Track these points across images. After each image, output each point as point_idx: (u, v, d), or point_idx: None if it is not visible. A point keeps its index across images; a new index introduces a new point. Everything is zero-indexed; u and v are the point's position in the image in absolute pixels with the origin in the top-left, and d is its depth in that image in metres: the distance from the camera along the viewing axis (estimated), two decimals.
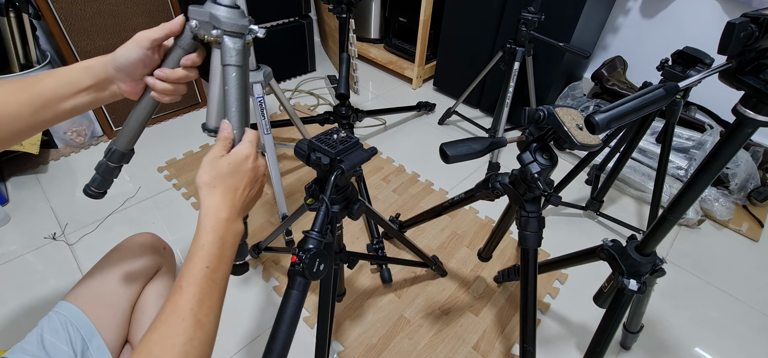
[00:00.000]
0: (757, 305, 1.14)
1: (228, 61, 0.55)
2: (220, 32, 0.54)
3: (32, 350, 0.63)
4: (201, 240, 0.44)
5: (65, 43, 1.36)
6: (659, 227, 0.67)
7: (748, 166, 1.36)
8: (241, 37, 0.56)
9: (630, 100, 0.51)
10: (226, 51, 0.55)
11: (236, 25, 0.55)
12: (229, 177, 0.47)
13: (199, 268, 0.43)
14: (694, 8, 1.61)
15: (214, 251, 0.45)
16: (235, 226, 0.48)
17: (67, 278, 1.07)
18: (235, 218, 0.47)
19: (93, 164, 0.71)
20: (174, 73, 0.56)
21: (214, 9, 0.54)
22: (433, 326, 1.02)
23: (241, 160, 0.48)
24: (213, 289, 0.44)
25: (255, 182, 0.51)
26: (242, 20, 0.56)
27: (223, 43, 0.55)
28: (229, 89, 0.56)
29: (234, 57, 0.55)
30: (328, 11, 1.51)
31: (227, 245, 0.46)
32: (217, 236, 0.45)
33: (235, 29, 0.55)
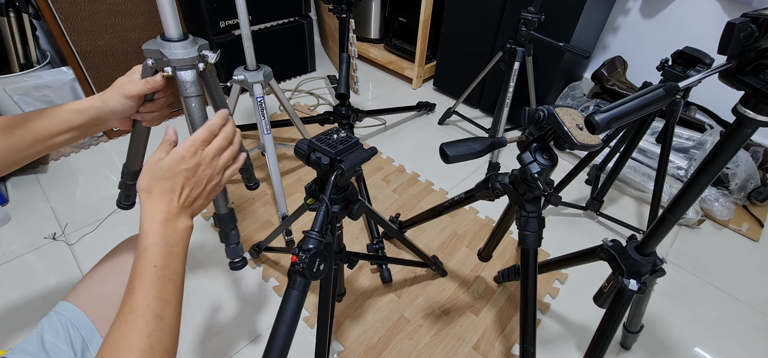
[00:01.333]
0: (757, 305, 1.14)
1: (185, 93, 0.58)
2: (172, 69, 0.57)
3: (32, 351, 0.63)
4: (142, 244, 0.47)
5: (65, 43, 1.36)
6: (659, 227, 0.67)
7: (748, 166, 1.36)
8: (194, 68, 0.59)
9: (630, 100, 0.51)
10: (181, 85, 0.58)
11: (185, 59, 0.57)
12: (162, 181, 0.49)
13: (147, 268, 0.45)
14: (694, 8, 1.61)
15: (159, 251, 0.46)
16: (177, 224, 0.49)
17: (67, 278, 1.07)
18: (174, 218, 0.49)
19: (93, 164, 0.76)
20: (155, 105, 0.62)
21: (163, 46, 0.56)
22: (433, 326, 1.02)
23: (175, 162, 0.49)
24: (166, 284, 0.46)
25: (196, 180, 0.50)
26: (191, 52, 0.58)
27: (177, 77, 0.58)
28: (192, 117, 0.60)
29: (189, 89, 0.59)
30: (328, 11, 1.51)
31: (172, 243, 0.48)
32: (157, 238, 0.47)
33: (185, 64, 0.57)
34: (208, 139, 0.52)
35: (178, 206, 0.49)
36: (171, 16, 0.56)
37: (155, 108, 0.62)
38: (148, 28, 1.50)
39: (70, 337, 0.67)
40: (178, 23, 0.57)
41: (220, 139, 0.53)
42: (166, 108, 0.64)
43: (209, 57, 0.60)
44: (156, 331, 0.44)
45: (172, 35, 0.57)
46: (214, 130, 0.52)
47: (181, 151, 0.49)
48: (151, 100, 0.61)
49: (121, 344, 0.42)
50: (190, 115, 0.60)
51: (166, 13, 0.56)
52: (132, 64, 1.64)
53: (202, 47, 0.59)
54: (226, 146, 0.54)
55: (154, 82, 0.58)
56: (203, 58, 0.59)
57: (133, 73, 0.59)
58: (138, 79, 0.59)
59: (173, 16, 0.57)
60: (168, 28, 0.57)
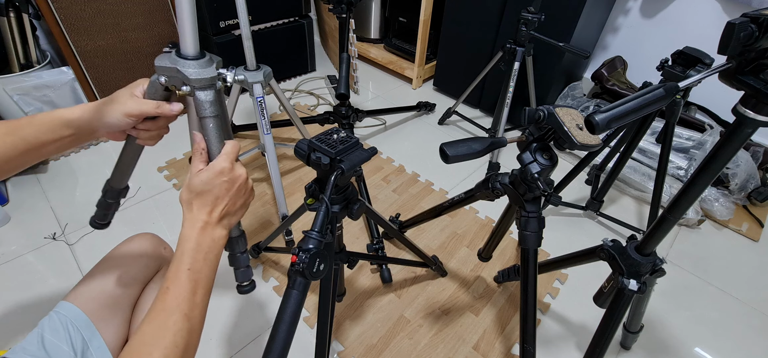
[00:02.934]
0: (757, 305, 1.14)
1: (203, 114, 0.55)
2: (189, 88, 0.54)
3: (33, 350, 0.63)
4: (181, 247, 0.50)
5: (65, 43, 1.36)
6: (659, 227, 0.66)
7: (748, 166, 1.36)
8: (213, 87, 0.55)
9: (630, 100, 0.51)
10: (199, 105, 0.55)
11: (205, 79, 0.54)
12: (203, 194, 0.51)
13: (182, 270, 0.48)
14: (694, 8, 1.61)
15: (195, 256, 0.49)
16: (213, 233, 0.52)
17: (67, 278, 1.07)
18: (212, 227, 0.52)
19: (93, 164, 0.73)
20: (155, 124, 0.59)
21: (180, 65, 0.53)
22: (433, 326, 1.02)
23: (214, 176, 0.52)
24: (196, 287, 0.49)
25: (233, 193, 0.54)
26: (210, 71, 0.54)
27: (195, 97, 0.54)
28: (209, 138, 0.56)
29: (208, 109, 0.55)
30: (328, 11, 1.51)
31: (206, 249, 0.51)
32: (194, 243, 0.50)
33: (204, 83, 0.54)
34: (236, 154, 0.55)
35: (217, 216, 0.52)
36: (191, 33, 0.52)
37: (155, 127, 0.59)
38: (148, 28, 1.50)
39: (71, 337, 0.67)
40: (197, 40, 0.53)
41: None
42: (165, 128, 0.61)
43: (227, 76, 0.57)
44: (182, 330, 0.47)
45: (190, 53, 0.53)
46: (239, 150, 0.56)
47: (219, 166, 0.52)
48: (152, 118, 0.58)
49: (148, 339, 0.45)
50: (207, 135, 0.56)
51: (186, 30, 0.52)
52: (132, 64, 1.63)
53: (218, 65, 0.56)
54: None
55: (169, 110, 0.56)
56: (221, 77, 0.56)
57: (136, 88, 0.56)
58: (140, 93, 0.56)
59: (193, 33, 0.53)
60: (186, 45, 0.53)
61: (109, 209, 0.76)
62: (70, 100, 1.46)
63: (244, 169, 0.55)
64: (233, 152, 0.54)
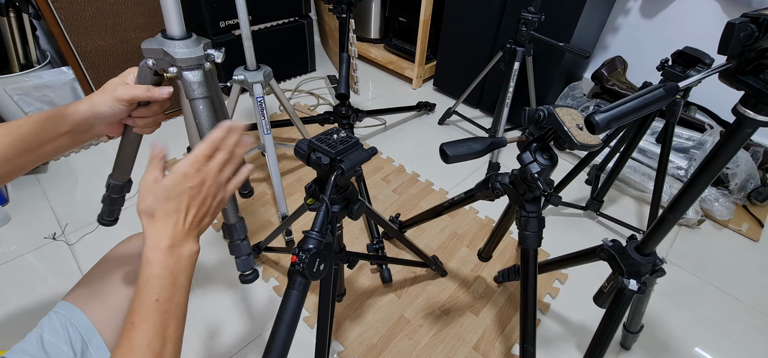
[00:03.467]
0: (757, 305, 1.14)
1: (192, 95, 0.54)
2: (177, 69, 0.53)
3: (32, 351, 0.63)
4: (143, 275, 0.43)
5: (65, 43, 1.36)
6: (659, 227, 0.66)
7: (748, 166, 1.36)
8: (200, 68, 0.54)
9: (630, 100, 0.51)
10: (188, 86, 0.54)
11: (192, 58, 0.52)
12: (166, 202, 0.44)
13: (148, 302, 0.42)
14: (694, 8, 1.61)
15: (162, 283, 0.43)
16: (182, 251, 0.45)
17: (67, 278, 1.07)
18: (180, 243, 0.45)
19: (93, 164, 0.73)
20: (149, 110, 0.57)
21: (166, 45, 0.52)
22: (433, 326, 1.02)
23: (179, 180, 0.45)
24: (167, 319, 0.43)
25: (202, 198, 0.46)
26: (197, 50, 0.53)
27: (182, 78, 0.53)
28: (199, 122, 0.55)
29: (196, 90, 0.54)
30: (328, 11, 1.51)
31: (176, 273, 0.44)
32: (160, 267, 0.43)
33: (191, 63, 0.53)
34: (211, 153, 0.48)
35: (185, 228, 0.45)
36: (175, 13, 0.51)
37: (149, 113, 0.57)
38: (148, 28, 1.50)
39: (70, 337, 0.67)
40: (182, 20, 0.53)
41: (224, 152, 0.49)
42: (161, 115, 0.59)
43: (215, 56, 0.55)
44: None
45: (175, 33, 0.52)
46: (216, 143, 0.48)
47: (183, 168, 0.45)
48: (145, 104, 0.56)
49: None
50: (198, 118, 0.55)
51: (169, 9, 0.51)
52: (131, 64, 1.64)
53: (207, 45, 0.55)
54: (229, 159, 0.50)
55: (158, 94, 0.53)
56: (209, 58, 0.55)
57: (127, 75, 0.55)
58: (132, 81, 0.54)
59: (177, 12, 0.52)
60: (171, 26, 0.52)
61: (115, 205, 0.75)
62: (70, 100, 1.46)
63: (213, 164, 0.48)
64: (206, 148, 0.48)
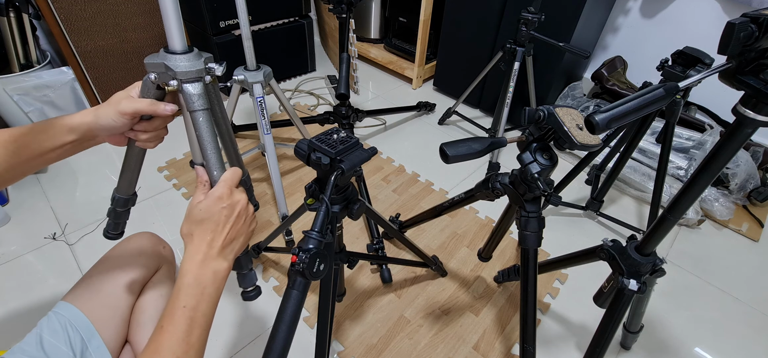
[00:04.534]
0: (757, 305, 1.14)
1: (192, 107, 0.55)
2: (177, 83, 0.55)
3: (31, 351, 0.63)
4: (179, 283, 0.48)
5: (65, 43, 1.36)
6: (659, 227, 0.66)
7: (748, 166, 1.36)
8: (200, 80, 0.56)
9: (630, 100, 0.51)
10: (188, 99, 0.55)
11: (192, 72, 0.55)
12: (202, 223, 0.50)
13: (178, 308, 0.46)
14: (694, 8, 1.61)
15: (192, 292, 0.47)
16: (213, 266, 0.50)
17: (67, 278, 1.07)
18: (212, 259, 0.50)
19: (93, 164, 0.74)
20: (151, 124, 0.58)
21: (167, 59, 0.54)
22: (433, 326, 1.02)
23: (212, 203, 0.51)
24: (193, 327, 0.47)
25: (233, 219, 0.52)
26: (198, 64, 0.55)
27: (183, 91, 0.55)
28: (200, 134, 0.57)
29: (196, 102, 0.56)
30: (328, 11, 1.51)
31: (205, 284, 0.49)
32: (192, 278, 0.48)
33: (191, 76, 0.55)
34: (237, 180, 0.54)
35: (219, 245, 0.50)
36: (176, 28, 0.54)
37: (151, 128, 0.59)
38: (148, 28, 1.50)
39: (69, 337, 0.67)
40: (183, 35, 0.55)
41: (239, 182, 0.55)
42: (164, 129, 0.61)
43: (216, 69, 0.58)
44: None
45: (176, 47, 0.55)
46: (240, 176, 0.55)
47: (218, 192, 0.51)
48: (148, 119, 0.58)
49: None
50: (198, 130, 0.57)
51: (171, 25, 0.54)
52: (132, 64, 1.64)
53: (208, 59, 0.57)
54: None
55: (162, 110, 0.56)
56: (210, 71, 0.57)
57: (132, 89, 0.57)
58: (136, 94, 0.57)
59: (179, 28, 0.54)
60: (173, 41, 0.55)
61: (120, 219, 0.77)
62: (70, 100, 1.46)
63: (244, 195, 0.54)
64: (232, 179, 0.54)
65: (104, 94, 1.51)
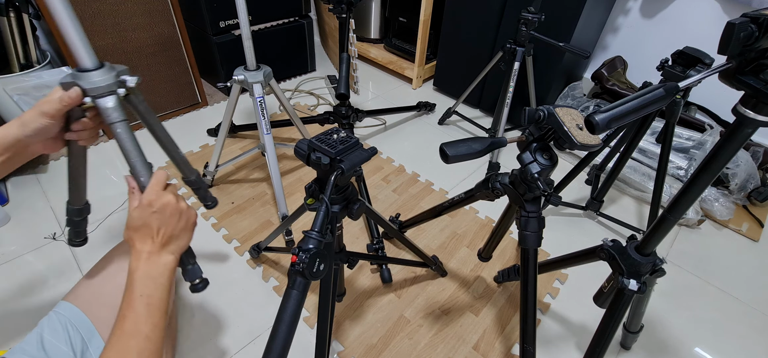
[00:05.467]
0: (757, 305, 1.14)
1: (109, 120, 0.58)
2: (91, 99, 0.57)
3: (31, 351, 0.63)
4: (130, 279, 0.53)
5: (65, 43, 1.36)
6: (659, 227, 0.66)
7: (748, 166, 1.36)
8: (113, 94, 0.58)
9: (630, 100, 0.51)
10: (103, 113, 0.58)
11: (102, 86, 0.57)
12: (138, 230, 0.55)
13: (134, 297, 0.52)
14: (694, 8, 1.61)
15: (145, 282, 0.53)
16: (159, 260, 0.55)
17: (67, 278, 1.07)
18: (157, 254, 0.55)
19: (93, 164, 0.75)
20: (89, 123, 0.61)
21: (78, 78, 0.56)
22: (433, 326, 1.02)
23: (143, 210, 0.55)
24: (152, 310, 0.53)
25: (167, 218, 0.56)
26: (108, 78, 0.57)
27: (98, 106, 0.58)
28: (121, 144, 0.60)
29: (112, 115, 0.58)
30: (328, 11, 1.51)
31: (156, 275, 0.54)
32: (142, 273, 0.53)
33: (102, 91, 0.57)
34: (164, 183, 0.58)
35: (158, 244, 0.55)
36: (82, 46, 0.56)
37: (90, 125, 0.61)
38: (148, 28, 1.50)
39: (70, 337, 0.67)
40: (91, 52, 0.57)
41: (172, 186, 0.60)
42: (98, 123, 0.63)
43: (129, 81, 0.59)
44: (145, 350, 0.51)
45: (86, 65, 0.57)
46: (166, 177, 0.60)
47: (146, 199, 0.55)
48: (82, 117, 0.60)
49: None
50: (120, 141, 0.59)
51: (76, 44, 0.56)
52: (132, 64, 1.64)
53: (121, 72, 0.59)
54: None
55: (70, 98, 0.56)
56: (123, 83, 0.59)
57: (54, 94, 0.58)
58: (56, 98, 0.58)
59: (84, 46, 0.56)
60: (81, 59, 0.56)
61: (79, 227, 0.81)
62: None
63: (171, 196, 0.57)
64: (158, 182, 0.58)
65: None
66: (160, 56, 1.59)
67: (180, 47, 1.62)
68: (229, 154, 1.54)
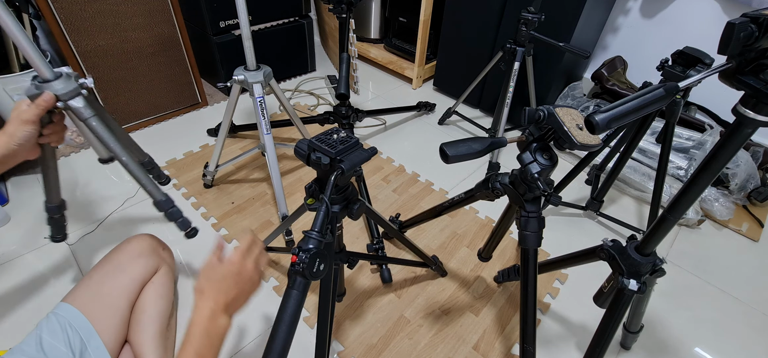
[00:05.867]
0: (757, 305, 1.14)
1: (83, 117, 0.67)
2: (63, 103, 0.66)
3: (30, 352, 0.63)
4: (191, 330, 0.54)
5: (65, 43, 1.36)
6: (659, 227, 0.66)
7: (748, 166, 1.36)
8: (80, 94, 0.67)
9: (630, 100, 0.51)
10: (77, 112, 0.68)
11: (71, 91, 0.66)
12: (216, 282, 0.57)
13: (189, 353, 0.53)
14: (694, 8, 1.61)
15: (202, 340, 0.54)
16: (219, 322, 0.56)
17: (67, 278, 1.07)
18: (218, 315, 0.56)
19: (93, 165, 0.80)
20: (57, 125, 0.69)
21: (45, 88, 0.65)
22: (433, 326, 1.02)
23: (226, 268, 0.57)
24: None
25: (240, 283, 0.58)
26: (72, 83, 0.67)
27: (70, 107, 0.67)
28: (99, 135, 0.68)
29: (85, 112, 0.67)
30: (328, 11, 1.51)
31: (213, 336, 0.55)
32: (202, 329, 0.54)
33: (72, 94, 0.67)
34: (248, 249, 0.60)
35: (223, 304, 0.56)
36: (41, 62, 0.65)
37: (58, 128, 0.70)
38: (148, 28, 1.50)
39: (69, 338, 0.67)
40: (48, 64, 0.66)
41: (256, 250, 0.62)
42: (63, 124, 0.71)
43: (87, 82, 0.70)
44: None
45: (48, 76, 0.65)
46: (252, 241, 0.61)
47: (236, 260, 0.58)
48: (50, 122, 0.68)
49: None
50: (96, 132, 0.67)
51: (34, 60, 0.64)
52: (132, 64, 1.64)
53: (77, 77, 0.69)
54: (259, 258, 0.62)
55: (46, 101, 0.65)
56: (83, 85, 0.69)
57: (22, 105, 0.65)
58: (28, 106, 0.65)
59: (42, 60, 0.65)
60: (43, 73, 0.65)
61: (60, 223, 0.88)
62: None
63: (251, 264, 0.60)
64: (247, 245, 0.60)
65: (104, 94, 1.51)
66: (160, 56, 1.59)
67: (180, 47, 1.62)
68: (229, 154, 1.54)
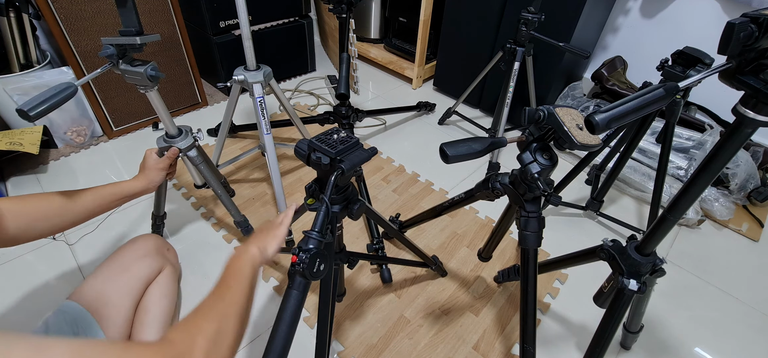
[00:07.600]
0: (757, 305, 1.14)
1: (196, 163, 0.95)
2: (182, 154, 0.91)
3: None
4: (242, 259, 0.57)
5: (65, 43, 1.36)
6: (659, 227, 0.67)
7: (748, 166, 1.36)
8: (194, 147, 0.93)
9: (630, 100, 0.51)
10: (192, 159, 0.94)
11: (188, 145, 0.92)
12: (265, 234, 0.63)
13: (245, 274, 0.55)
14: (694, 8, 1.61)
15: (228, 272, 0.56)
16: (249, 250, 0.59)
17: (67, 278, 1.07)
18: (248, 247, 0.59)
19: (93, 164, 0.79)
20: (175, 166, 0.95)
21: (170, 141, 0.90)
22: (433, 326, 1.02)
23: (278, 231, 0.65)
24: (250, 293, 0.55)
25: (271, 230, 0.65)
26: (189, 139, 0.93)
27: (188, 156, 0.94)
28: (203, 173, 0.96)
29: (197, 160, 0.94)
30: (328, 11, 1.51)
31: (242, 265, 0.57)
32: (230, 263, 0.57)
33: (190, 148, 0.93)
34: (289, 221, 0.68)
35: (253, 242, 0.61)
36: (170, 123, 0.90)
37: (173, 169, 0.94)
38: (148, 28, 1.50)
39: (73, 335, 0.67)
40: (174, 124, 0.91)
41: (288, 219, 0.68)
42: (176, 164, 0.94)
43: (198, 137, 0.96)
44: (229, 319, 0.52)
45: (173, 133, 0.91)
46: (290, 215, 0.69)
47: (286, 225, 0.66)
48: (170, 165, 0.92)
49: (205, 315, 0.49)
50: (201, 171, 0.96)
51: (166, 122, 0.90)
52: None
53: (192, 133, 0.94)
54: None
55: (174, 154, 0.89)
56: (196, 139, 0.94)
57: (153, 154, 0.87)
58: (157, 157, 0.87)
59: (172, 123, 0.91)
60: (170, 131, 0.91)
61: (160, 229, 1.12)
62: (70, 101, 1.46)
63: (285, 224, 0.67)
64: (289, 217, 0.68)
65: (104, 93, 1.51)
66: (160, 56, 1.59)
67: (180, 47, 1.62)
68: (230, 154, 1.54)
